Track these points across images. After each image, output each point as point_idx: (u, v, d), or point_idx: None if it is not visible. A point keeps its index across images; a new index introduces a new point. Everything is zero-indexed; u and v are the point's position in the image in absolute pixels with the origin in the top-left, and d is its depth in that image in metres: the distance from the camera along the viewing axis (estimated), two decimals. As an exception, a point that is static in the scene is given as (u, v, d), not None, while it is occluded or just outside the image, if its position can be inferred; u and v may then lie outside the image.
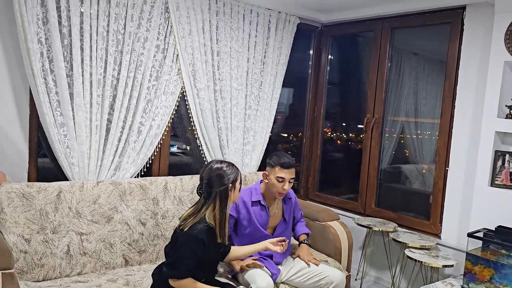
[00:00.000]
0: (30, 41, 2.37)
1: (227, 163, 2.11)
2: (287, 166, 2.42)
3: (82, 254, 2.34)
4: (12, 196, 2.19)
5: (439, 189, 3.23)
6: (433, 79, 3.64)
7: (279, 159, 2.44)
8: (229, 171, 2.08)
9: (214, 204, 2.03)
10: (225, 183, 2.04)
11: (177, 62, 2.99)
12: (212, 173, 2.06)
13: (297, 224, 2.76)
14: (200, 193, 2.06)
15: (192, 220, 2.00)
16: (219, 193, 2.03)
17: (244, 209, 2.49)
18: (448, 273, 3.06)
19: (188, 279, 1.98)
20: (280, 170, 2.42)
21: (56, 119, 2.52)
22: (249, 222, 2.47)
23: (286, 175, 2.42)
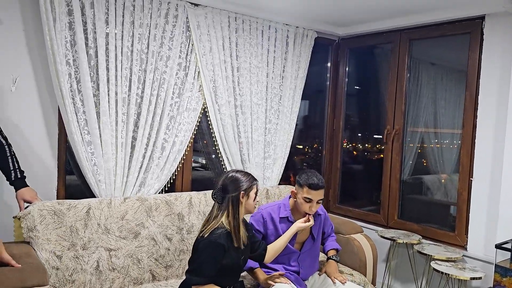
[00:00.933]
0: (59, 63, 2.46)
1: (243, 172, 2.17)
2: (315, 188, 2.34)
3: (111, 269, 2.38)
4: (44, 214, 2.25)
5: (464, 200, 3.20)
6: (451, 88, 3.63)
7: (308, 179, 2.36)
8: (243, 179, 2.12)
9: (228, 209, 2.07)
10: (237, 190, 2.08)
11: (198, 79, 3.05)
12: (227, 180, 2.12)
13: (328, 239, 2.73)
14: (214, 198, 2.11)
15: (210, 226, 2.03)
16: (231, 199, 2.08)
17: (272, 225, 2.47)
18: (476, 286, 3.01)
19: (210, 285, 2.00)
20: (308, 190, 2.35)
21: (83, 138, 2.59)
22: (276, 238, 2.44)
23: (314, 197, 2.35)
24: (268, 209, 2.52)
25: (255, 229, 2.47)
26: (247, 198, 2.12)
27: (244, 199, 2.11)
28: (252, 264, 2.41)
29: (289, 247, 2.48)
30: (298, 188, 2.41)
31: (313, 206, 2.37)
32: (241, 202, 2.10)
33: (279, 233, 2.45)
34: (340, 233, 2.98)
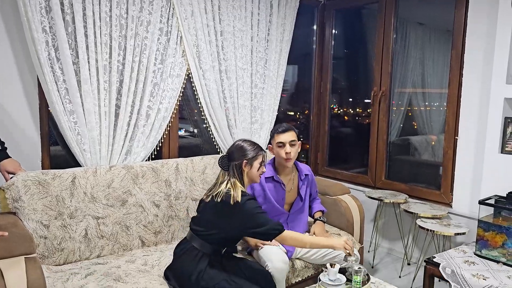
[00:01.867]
0: (34, 30, 2.37)
1: (251, 142, 2.20)
2: (282, 130, 2.49)
3: (99, 237, 2.40)
4: (29, 184, 2.23)
5: (449, 159, 3.23)
6: (439, 48, 3.60)
7: (275, 127, 2.56)
8: (248, 148, 2.16)
9: (235, 177, 2.11)
10: (240, 159, 2.13)
11: (181, 44, 2.99)
12: (233, 148, 2.18)
13: (313, 201, 2.78)
14: (219, 164, 2.16)
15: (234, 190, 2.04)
16: (234, 167, 2.12)
17: (259, 186, 2.50)
18: (460, 241, 3.09)
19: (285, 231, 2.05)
20: (277, 135, 2.49)
21: (65, 107, 2.55)
22: (264, 198, 2.49)
23: (285, 138, 2.46)
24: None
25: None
26: (250, 167, 2.15)
27: (246, 168, 2.14)
28: None
29: (278, 208, 2.51)
30: (272, 141, 2.55)
31: (286, 148, 2.45)
32: (244, 171, 2.14)
33: (266, 193, 2.49)
34: (327, 194, 3.02)
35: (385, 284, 2.12)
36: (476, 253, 2.60)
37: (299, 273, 2.53)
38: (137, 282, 2.07)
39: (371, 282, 2.06)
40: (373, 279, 2.14)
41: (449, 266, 2.44)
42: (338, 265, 2.02)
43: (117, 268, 2.21)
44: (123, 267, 2.23)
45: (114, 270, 2.18)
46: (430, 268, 2.53)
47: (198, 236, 2.11)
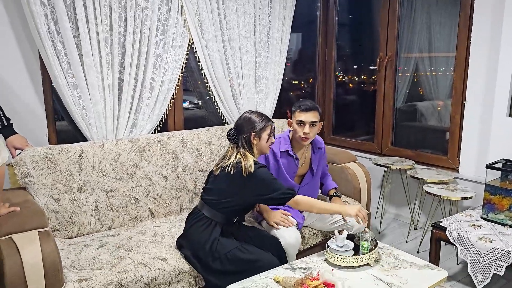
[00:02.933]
0: (32, 3, 2.33)
1: (258, 114, 2.18)
2: (305, 109, 2.38)
3: (109, 210, 2.43)
4: (37, 159, 2.25)
5: (456, 124, 3.21)
6: (446, 11, 3.51)
7: (298, 103, 2.44)
8: (256, 120, 2.14)
9: (244, 149, 2.11)
10: (249, 131, 2.12)
11: (182, 13, 2.93)
12: (241, 120, 2.16)
13: (325, 178, 2.74)
14: (228, 138, 2.16)
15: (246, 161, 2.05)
16: (243, 139, 2.12)
17: (273, 159, 2.47)
18: (467, 206, 3.10)
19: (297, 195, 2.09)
20: (299, 113, 2.39)
21: (68, 81, 2.53)
22: (277, 172, 2.46)
23: (306, 118, 2.37)
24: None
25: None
26: (259, 139, 2.15)
27: (255, 140, 2.14)
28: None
29: (289, 181, 2.49)
30: (292, 116, 2.46)
31: (305, 128, 2.37)
32: (253, 143, 2.14)
33: (280, 166, 2.46)
34: (334, 162, 3.02)
35: (392, 249, 2.15)
36: (482, 216, 2.61)
37: (307, 240, 2.57)
38: (148, 252, 2.11)
39: (379, 247, 2.09)
40: (381, 245, 2.17)
41: (455, 230, 2.46)
42: (346, 231, 2.04)
43: (128, 239, 2.25)
44: (134, 238, 2.27)
45: (125, 241, 2.22)
46: (436, 232, 2.56)
47: (210, 206, 2.13)
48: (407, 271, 1.93)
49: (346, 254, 1.97)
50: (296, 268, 1.96)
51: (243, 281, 1.86)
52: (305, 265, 1.99)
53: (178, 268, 2.05)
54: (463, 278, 2.75)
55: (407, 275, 1.89)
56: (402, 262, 2.01)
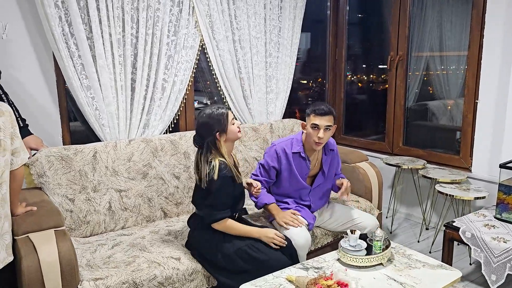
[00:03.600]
0: (47, 6, 2.36)
1: (212, 109, 2.08)
2: (320, 113, 2.31)
3: (123, 209, 2.45)
4: (52, 160, 2.28)
5: (469, 123, 3.18)
6: (458, 9, 3.49)
7: (314, 106, 2.35)
8: (213, 120, 2.05)
9: (212, 151, 2.06)
10: (211, 133, 2.05)
11: (193, 14, 2.95)
12: (198, 125, 2.09)
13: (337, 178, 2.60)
14: (195, 145, 2.12)
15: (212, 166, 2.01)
16: (210, 143, 2.06)
17: (285, 159, 2.44)
18: (480, 205, 3.08)
19: (229, 220, 2.09)
20: (314, 117, 2.32)
21: (82, 83, 2.56)
22: (289, 173, 2.44)
23: (321, 122, 2.30)
24: (281, 144, 2.48)
25: (270, 165, 2.45)
26: (225, 134, 2.08)
27: (222, 137, 2.08)
28: (266, 200, 2.42)
29: (301, 182, 2.47)
30: (307, 119, 2.40)
31: (320, 133, 2.31)
32: (220, 141, 2.07)
33: (292, 168, 2.43)
34: (345, 162, 3.02)
35: (405, 249, 2.14)
36: (496, 216, 2.59)
37: (319, 240, 2.57)
38: (162, 251, 2.13)
39: (391, 247, 2.09)
40: (393, 244, 2.16)
41: (469, 230, 2.45)
42: (358, 231, 2.04)
43: (141, 238, 2.28)
44: (148, 237, 2.29)
45: (139, 240, 2.24)
46: (449, 232, 2.55)
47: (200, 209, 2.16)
48: (421, 271, 1.93)
49: (359, 254, 1.97)
50: (308, 267, 1.96)
51: (255, 280, 1.86)
52: (318, 264, 2.00)
53: (191, 267, 2.06)
54: (477, 278, 2.73)
55: (421, 275, 1.89)
56: (415, 262, 2.01)
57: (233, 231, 2.10)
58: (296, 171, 2.44)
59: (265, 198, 2.43)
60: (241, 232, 2.11)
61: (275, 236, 2.11)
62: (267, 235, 2.12)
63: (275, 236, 2.12)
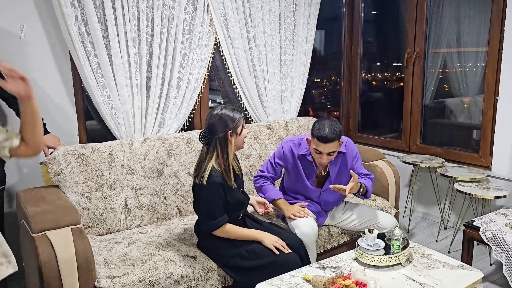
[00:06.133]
0: (63, 5, 2.38)
1: (228, 109, 2.04)
2: (324, 141, 2.16)
3: (139, 207, 2.46)
4: (69, 158, 2.30)
5: (489, 120, 3.11)
6: (476, 4, 3.42)
7: (319, 130, 2.17)
8: (229, 116, 2.01)
9: (216, 151, 2.01)
10: (224, 130, 2.00)
11: (208, 12, 2.94)
12: (212, 120, 2.01)
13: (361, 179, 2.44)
14: (201, 141, 2.04)
15: (203, 170, 1.99)
16: (218, 140, 2.00)
17: (292, 159, 2.42)
18: (500, 205, 3.01)
19: (227, 225, 2.05)
20: (317, 143, 2.19)
21: (98, 81, 2.57)
22: (296, 173, 2.42)
23: (324, 149, 2.19)
24: (289, 143, 2.44)
25: (276, 162, 2.46)
26: (236, 136, 2.04)
27: (233, 138, 2.03)
28: (274, 196, 2.43)
29: (309, 186, 2.43)
30: (311, 137, 2.27)
31: (323, 158, 2.22)
32: (230, 141, 2.02)
33: (299, 169, 2.41)
34: (362, 160, 2.97)
35: (424, 249, 2.10)
36: (518, 216, 2.53)
37: (335, 239, 2.54)
38: (178, 250, 2.12)
39: (410, 247, 2.05)
40: (412, 244, 2.12)
41: (489, 229, 2.39)
42: (376, 230, 2.01)
43: (157, 237, 2.28)
44: (163, 236, 2.29)
45: (155, 239, 2.25)
46: (469, 231, 2.49)
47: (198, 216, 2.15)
48: (441, 272, 1.88)
49: (377, 253, 1.94)
50: (325, 267, 1.94)
51: (272, 280, 1.85)
52: (335, 264, 1.97)
53: (207, 266, 2.05)
54: (498, 279, 2.67)
55: (441, 276, 1.85)
56: (435, 262, 1.97)
57: (234, 235, 2.07)
58: (302, 172, 2.41)
59: (273, 193, 2.43)
60: (241, 236, 2.08)
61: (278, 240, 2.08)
62: (270, 238, 2.08)
63: (278, 240, 2.07)
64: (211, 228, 2.04)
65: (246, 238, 2.09)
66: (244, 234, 2.09)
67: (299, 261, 2.07)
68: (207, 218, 2.04)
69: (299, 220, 2.30)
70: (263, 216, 2.47)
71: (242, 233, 2.09)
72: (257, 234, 2.10)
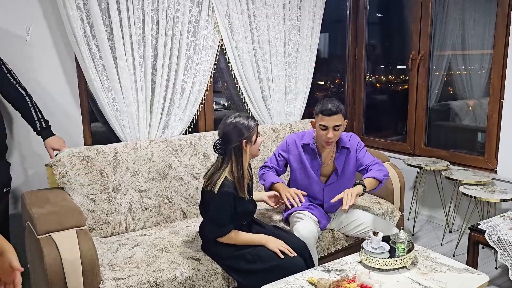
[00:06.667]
0: (69, 8, 2.39)
1: (242, 117, 2.01)
2: (328, 113, 2.23)
3: (143, 209, 2.46)
4: (74, 160, 2.30)
5: (494, 123, 3.10)
6: (481, 6, 3.41)
7: (322, 106, 2.27)
8: (244, 125, 1.98)
9: (231, 160, 1.98)
10: (239, 139, 1.97)
11: (212, 15, 2.95)
12: (226, 129, 1.98)
13: (369, 168, 2.43)
14: (215, 150, 2.02)
15: (217, 179, 1.98)
16: (233, 150, 1.97)
17: (296, 150, 2.45)
18: (505, 208, 3.00)
19: (232, 231, 2.05)
20: (322, 117, 2.26)
21: (103, 84, 2.58)
22: (300, 165, 2.44)
23: (328, 123, 2.25)
24: (292, 135, 2.51)
25: (279, 153, 2.51)
26: (251, 144, 2.02)
27: (248, 147, 2.00)
28: (273, 179, 2.42)
29: (313, 176, 2.45)
30: (315, 117, 2.35)
31: (329, 133, 2.26)
32: (245, 151, 1.99)
33: (302, 159, 2.45)
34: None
35: (429, 252, 2.09)
36: (524, 219, 2.51)
37: (339, 242, 2.53)
38: (182, 252, 2.12)
39: (415, 250, 2.04)
40: (417, 247, 2.11)
41: (495, 233, 2.38)
42: (381, 233, 2.00)
43: (162, 239, 2.28)
44: (168, 238, 2.29)
45: (159, 241, 2.25)
46: (474, 235, 2.47)
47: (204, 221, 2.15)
48: (446, 275, 1.87)
49: (381, 256, 1.93)
50: (330, 269, 1.93)
51: (276, 282, 1.84)
52: (339, 266, 1.96)
53: (212, 268, 2.05)
54: (503, 283, 2.65)
55: (446, 279, 1.84)
56: (440, 265, 1.96)
57: (238, 241, 2.07)
58: (306, 161, 2.43)
59: (272, 178, 2.44)
60: (246, 242, 2.08)
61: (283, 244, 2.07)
62: (275, 242, 2.07)
63: (283, 244, 2.07)
64: (216, 235, 2.04)
65: (251, 244, 2.08)
66: (249, 240, 2.09)
67: (304, 264, 2.07)
68: (213, 224, 2.04)
69: (298, 223, 2.31)
70: (277, 208, 2.47)
71: (247, 239, 2.09)
72: (262, 239, 2.09)
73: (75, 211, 1.97)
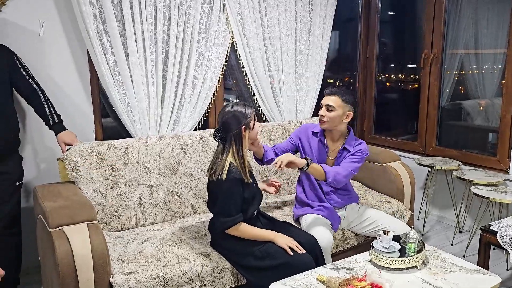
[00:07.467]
0: (82, 4, 2.41)
1: (239, 105, 2.07)
2: (327, 93, 2.41)
3: (153, 205, 2.47)
4: (85, 155, 2.32)
5: (507, 123, 3.06)
6: (494, 5, 3.36)
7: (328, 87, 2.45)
8: (241, 112, 2.04)
9: (232, 148, 2.03)
10: (238, 126, 2.02)
11: (224, 11, 2.94)
12: (225, 117, 2.04)
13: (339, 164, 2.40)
14: (216, 139, 2.07)
15: (222, 167, 1.99)
16: (233, 137, 2.02)
17: (305, 138, 2.51)
18: (518, 209, 2.96)
19: (243, 224, 2.05)
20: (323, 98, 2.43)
21: (115, 79, 2.60)
22: (308, 152, 2.49)
23: (324, 101, 2.39)
24: (307, 124, 2.58)
25: (291, 136, 2.57)
26: (250, 130, 2.07)
27: (247, 132, 2.06)
28: (274, 156, 2.43)
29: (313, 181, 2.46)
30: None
31: (321, 111, 2.38)
32: (244, 136, 2.05)
33: (311, 147, 2.48)
34: (377, 162, 2.95)
35: (440, 252, 2.07)
36: (536, 221, 2.48)
37: (348, 241, 2.52)
38: (192, 248, 2.13)
39: (426, 250, 2.02)
40: (428, 247, 2.09)
41: (507, 234, 2.35)
42: (392, 232, 1.99)
43: (171, 234, 2.29)
44: (177, 233, 2.30)
45: (169, 236, 2.26)
46: (486, 236, 2.45)
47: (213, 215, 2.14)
48: (457, 275, 1.86)
49: (392, 256, 1.91)
50: (340, 268, 1.92)
51: (286, 280, 1.84)
52: (349, 265, 1.95)
53: (221, 264, 2.06)
54: (514, 284, 2.63)
55: (457, 280, 1.82)
56: (451, 265, 1.94)
57: (247, 235, 2.07)
58: (313, 151, 2.48)
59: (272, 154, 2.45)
60: (255, 236, 2.08)
61: (292, 241, 2.07)
62: (284, 238, 2.07)
63: (292, 241, 2.06)
64: (225, 225, 2.03)
65: (259, 239, 2.08)
66: (258, 235, 2.09)
67: (313, 262, 2.06)
68: (222, 215, 2.04)
69: (315, 231, 2.27)
70: (276, 195, 2.51)
71: (256, 233, 2.09)
72: (271, 235, 2.09)
73: (86, 205, 1.99)
